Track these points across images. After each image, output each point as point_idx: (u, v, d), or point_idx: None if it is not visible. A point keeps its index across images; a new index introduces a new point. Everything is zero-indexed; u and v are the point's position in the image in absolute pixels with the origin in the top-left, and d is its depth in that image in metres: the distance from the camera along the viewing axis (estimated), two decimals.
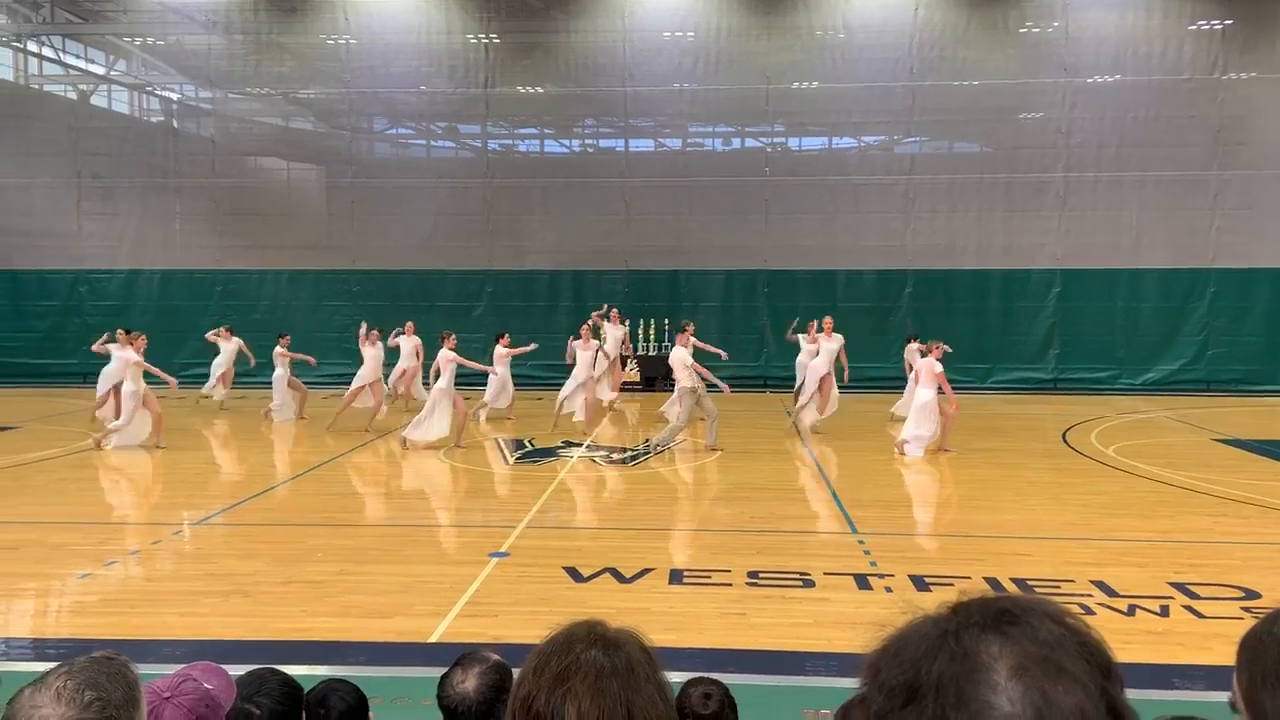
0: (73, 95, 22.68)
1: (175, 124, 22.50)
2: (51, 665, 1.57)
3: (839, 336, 15.08)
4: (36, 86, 22.65)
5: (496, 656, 2.52)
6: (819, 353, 14.86)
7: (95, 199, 21.55)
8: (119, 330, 14.63)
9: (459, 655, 2.52)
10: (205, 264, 21.30)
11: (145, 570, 7.91)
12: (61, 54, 22.57)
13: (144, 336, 14.05)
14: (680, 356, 13.24)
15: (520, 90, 21.42)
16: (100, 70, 23.08)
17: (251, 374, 17.65)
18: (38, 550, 8.36)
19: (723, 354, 14.77)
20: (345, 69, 21.16)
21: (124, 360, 13.51)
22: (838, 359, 15.02)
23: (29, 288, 21.56)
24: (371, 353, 15.25)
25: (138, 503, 10.94)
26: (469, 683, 2.41)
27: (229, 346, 17.37)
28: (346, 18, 20.93)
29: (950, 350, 13.46)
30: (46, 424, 15.40)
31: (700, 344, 14.22)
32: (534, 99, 21.57)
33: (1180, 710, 4.95)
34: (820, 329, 15.17)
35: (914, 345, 15.57)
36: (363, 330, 15.77)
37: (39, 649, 6.26)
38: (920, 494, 11.31)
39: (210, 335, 17.62)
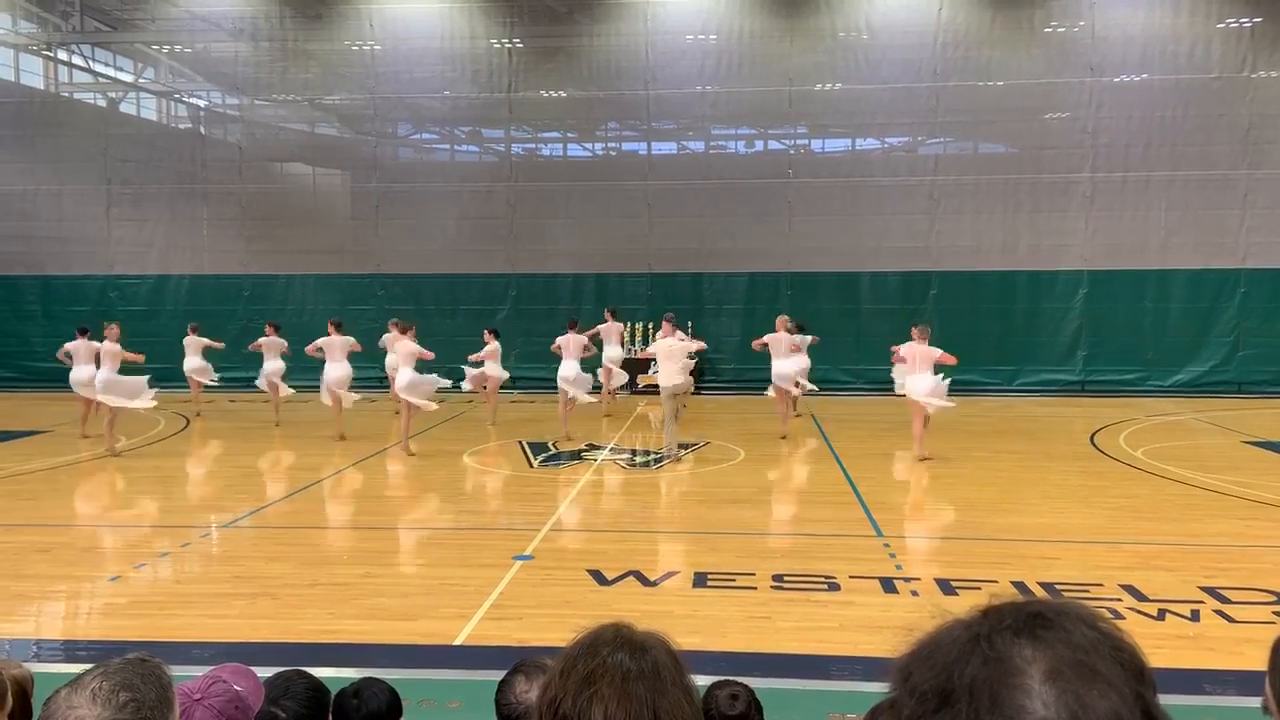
0: (102, 103, 22.98)
1: (203, 130, 22.74)
2: (84, 667, 1.59)
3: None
4: (67, 94, 22.96)
5: None
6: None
7: (125, 205, 21.82)
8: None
9: (516, 662, 2.51)
10: (233, 269, 21.53)
11: (174, 572, 7.99)
12: (91, 62, 22.87)
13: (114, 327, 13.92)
14: (682, 348, 13.04)
15: (543, 94, 21.49)
16: (129, 78, 23.37)
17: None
18: (68, 553, 8.47)
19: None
20: (370, 75, 21.32)
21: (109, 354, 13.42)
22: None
23: (60, 293, 21.85)
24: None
25: (166, 506, 11.04)
26: (534, 693, 2.39)
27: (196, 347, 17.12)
28: (371, 24, 21.09)
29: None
30: (77, 428, 15.57)
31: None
32: (557, 103, 21.64)
33: (1212, 715, 4.89)
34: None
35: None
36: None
37: (70, 650, 6.34)
38: (946, 496, 11.22)
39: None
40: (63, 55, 22.54)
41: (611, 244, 21.00)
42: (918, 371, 12.39)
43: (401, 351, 13.29)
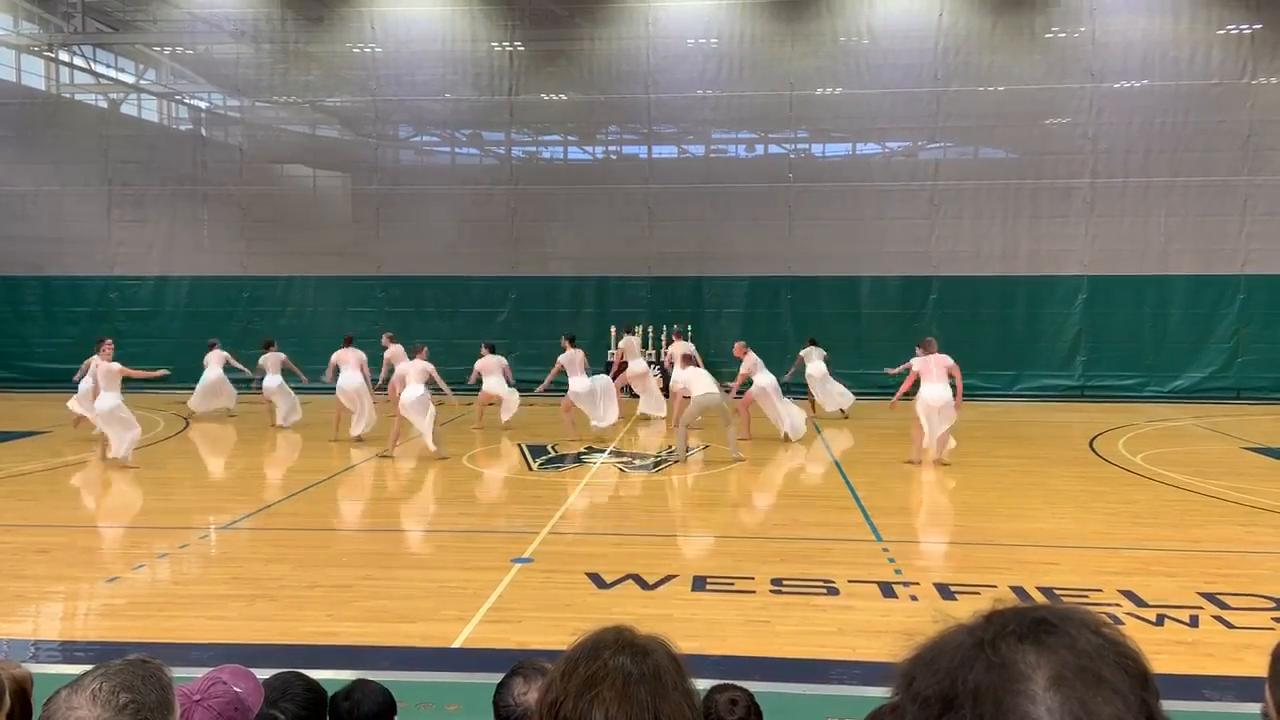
0: (103, 104, 22.99)
1: (204, 132, 22.76)
2: (83, 668, 1.59)
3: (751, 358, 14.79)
4: (68, 95, 22.99)
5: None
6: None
7: (126, 206, 21.83)
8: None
9: (514, 664, 2.51)
10: (233, 270, 21.54)
11: (172, 574, 7.98)
12: (92, 63, 22.88)
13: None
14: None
15: (544, 97, 21.52)
16: (130, 79, 23.39)
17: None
18: (67, 554, 8.46)
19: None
20: (371, 77, 21.34)
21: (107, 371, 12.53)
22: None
23: (61, 294, 21.85)
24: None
25: (164, 507, 11.04)
26: (531, 695, 2.39)
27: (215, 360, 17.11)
28: (373, 26, 21.11)
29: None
30: (77, 429, 15.56)
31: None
32: (558, 106, 21.66)
33: None
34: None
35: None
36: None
37: (69, 651, 6.33)
38: (945, 501, 11.23)
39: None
40: (64, 56, 22.55)
41: (612, 247, 21.01)
42: (934, 381, 12.35)
43: (415, 368, 13.45)
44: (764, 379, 14.38)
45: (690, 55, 20.68)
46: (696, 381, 13.05)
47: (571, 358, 14.89)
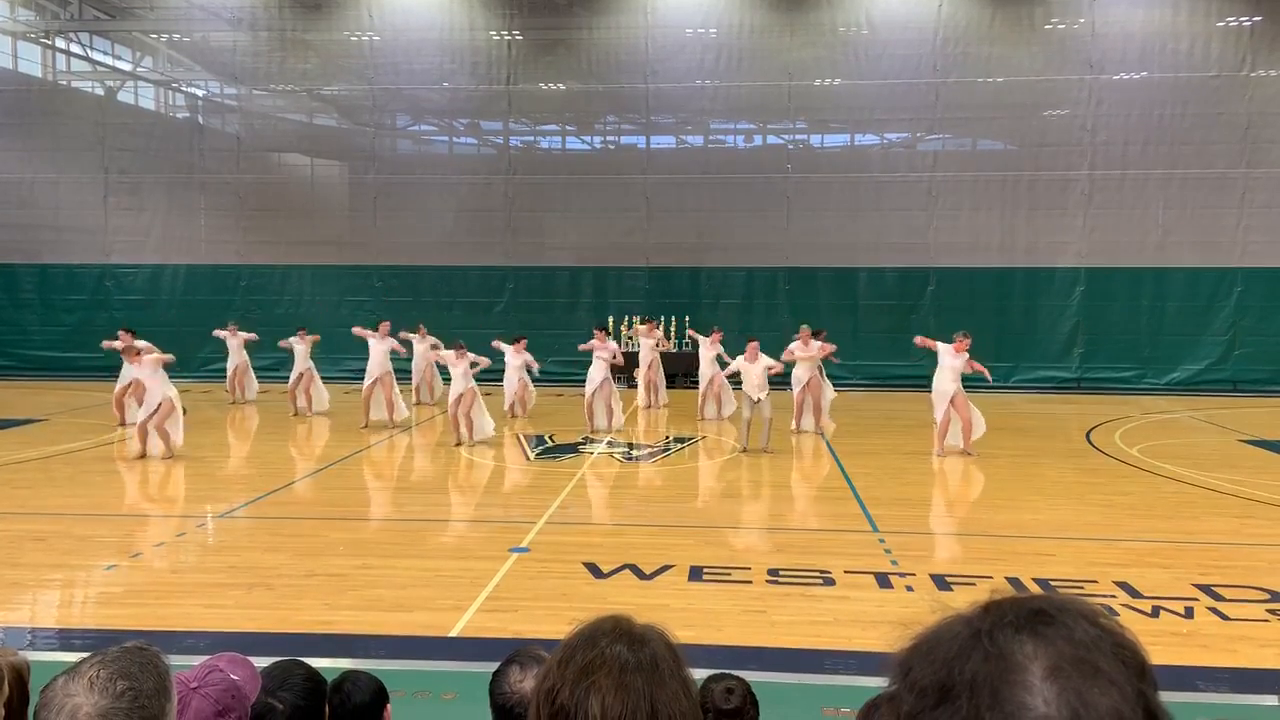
0: (100, 92, 22.89)
1: (201, 120, 22.67)
2: (80, 655, 1.59)
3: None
4: (64, 83, 22.89)
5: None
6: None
7: (122, 194, 21.76)
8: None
9: (511, 653, 2.51)
10: (230, 259, 21.49)
11: (170, 562, 7.99)
12: (89, 50, 22.78)
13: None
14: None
15: (542, 87, 21.45)
16: (127, 67, 23.29)
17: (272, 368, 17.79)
18: (64, 542, 8.46)
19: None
20: (369, 66, 21.26)
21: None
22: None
23: (57, 282, 21.80)
24: (380, 347, 15.08)
25: (162, 496, 11.05)
26: (528, 683, 2.38)
27: (236, 343, 17.38)
28: (370, 15, 21.02)
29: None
30: (73, 417, 15.56)
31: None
32: (556, 95, 21.60)
33: (1206, 712, 4.91)
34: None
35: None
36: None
37: (65, 639, 6.34)
38: (942, 493, 11.25)
39: (219, 332, 17.51)
40: (61, 43, 22.45)
41: (609, 238, 20.98)
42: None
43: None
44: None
45: (689, 45, 20.62)
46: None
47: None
